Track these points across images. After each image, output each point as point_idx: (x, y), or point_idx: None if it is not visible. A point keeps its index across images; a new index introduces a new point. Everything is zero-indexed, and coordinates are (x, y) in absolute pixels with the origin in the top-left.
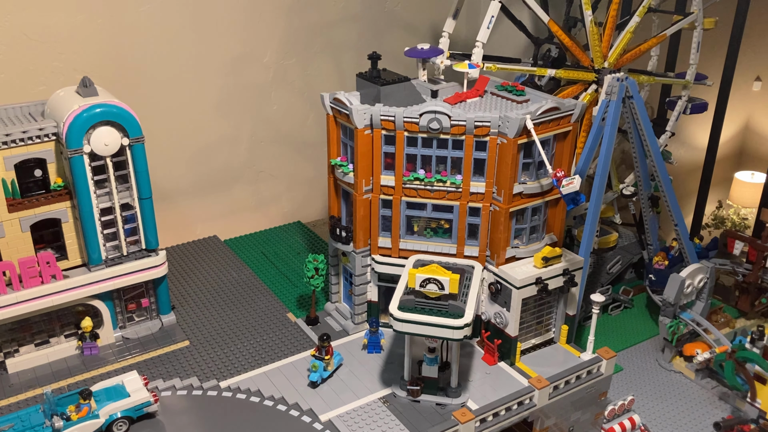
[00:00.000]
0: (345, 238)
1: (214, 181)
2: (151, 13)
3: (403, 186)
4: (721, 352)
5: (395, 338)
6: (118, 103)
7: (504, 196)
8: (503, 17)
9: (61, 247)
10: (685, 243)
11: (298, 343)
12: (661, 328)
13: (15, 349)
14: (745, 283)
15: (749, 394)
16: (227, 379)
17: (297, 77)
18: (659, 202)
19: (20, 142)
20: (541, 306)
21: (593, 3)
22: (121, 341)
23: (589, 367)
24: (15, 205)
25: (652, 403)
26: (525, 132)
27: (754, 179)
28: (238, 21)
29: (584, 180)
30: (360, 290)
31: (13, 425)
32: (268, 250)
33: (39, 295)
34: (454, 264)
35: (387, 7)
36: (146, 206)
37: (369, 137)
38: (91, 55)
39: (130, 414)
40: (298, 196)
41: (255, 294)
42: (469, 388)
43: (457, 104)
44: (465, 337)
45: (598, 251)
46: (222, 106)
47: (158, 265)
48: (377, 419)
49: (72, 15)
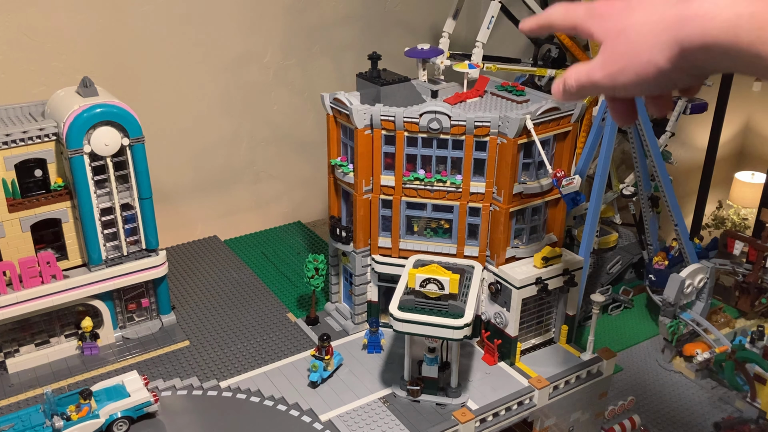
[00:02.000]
0: (345, 238)
1: (214, 181)
2: (152, 13)
3: (403, 186)
4: (721, 352)
5: (395, 338)
6: (118, 103)
7: (504, 196)
8: (503, 17)
9: (62, 247)
10: (685, 243)
11: (298, 343)
12: (661, 328)
13: (15, 349)
14: (745, 283)
15: (749, 394)
16: (227, 379)
17: (297, 77)
18: (659, 202)
19: (20, 142)
20: (541, 306)
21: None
22: (121, 341)
23: (589, 367)
24: (15, 205)
25: (652, 403)
26: (525, 132)
27: (754, 179)
28: (238, 21)
29: (584, 180)
30: (360, 290)
31: (13, 425)
32: (268, 250)
33: (39, 295)
34: (454, 264)
35: (387, 8)
36: (146, 206)
37: (369, 137)
38: (91, 55)
39: (130, 414)
40: (298, 196)
41: (255, 294)
42: (469, 388)
43: (457, 104)
44: (465, 337)
45: (598, 251)
46: (222, 106)
47: (158, 265)
48: (377, 419)
49: (72, 15)
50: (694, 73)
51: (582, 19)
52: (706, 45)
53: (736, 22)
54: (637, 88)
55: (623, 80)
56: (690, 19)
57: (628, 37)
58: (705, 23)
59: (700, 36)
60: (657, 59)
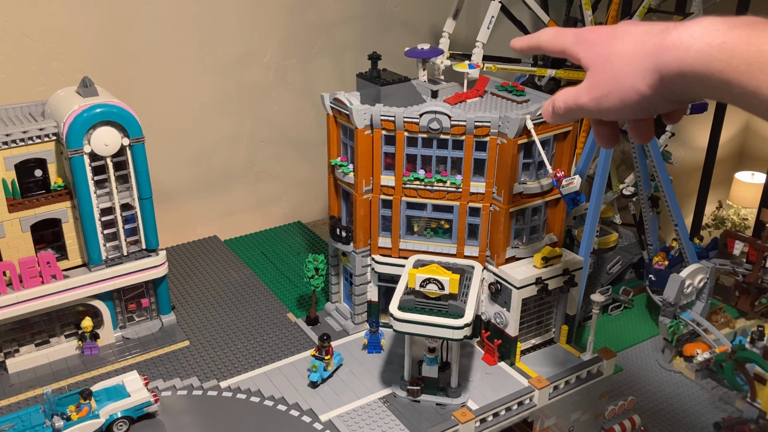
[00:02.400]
0: (345, 238)
1: (214, 181)
2: (152, 13)
3: (403, 186)
4: (721, 352)
5: (395, 338)
6: (118, 103)
7: (504, 196)
8: (503, 17)
9: (62, 247)
10: (685, 243)
11: (298, 343)
12: (661, 328)
13: (15, 349)
14: (745, 283)
15: (749, 394)
16: (227, 379)
17: (297, 77)
18: (659, 202)
19: (20, 142)
20: (541, 306)
21: (593, 3)
22: (122, 341)
23: (589, 367)
24: (15, 205)
25: (652, 403)
26: (525, 132)
27: (754, 179)
28: (238, 21)
29: (584, 180)
30: (360, 290)
31: (13, 425)
32: (268, 250)
33: (39, 295)
34: (454, 264)
35: (387, 8)
36: (146, 206)
37: (369, 137)
38: (91, 55)
39: (130, 414)
40: (298, 196)
41: (255, 294)
42: (469, 388)
43: (457, 104)
44: (465, 337)
45: (598, 251)
46: (222, 106)
47: (158, 265)
48: (377, 419)
49: (72, 15)
50: (673, 99)
51: (570, 44)
52: (683, 72)
53: (708, 51)
54: (620, 112)
55: (608, 105)
56: (668, 49)
57: (613, 64)
58: (681, 53)
59: (677, 64)
60: (639, 85)
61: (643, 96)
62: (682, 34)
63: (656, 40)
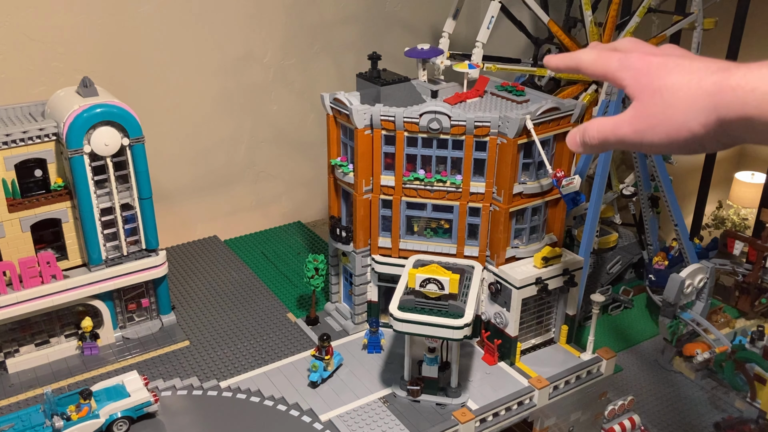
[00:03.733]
0: (345, 238)
1: (214, 181)
2: (152, 13)
3: (403, 186)
4: (721, 352)
5: (395, 338)
6: (118, 103)
7: (504, 196)
8: (503, 17)
9: (62, 247)
10: (685, 243)
11: (298, 343)
12: (661, 328)
13: (15, 349)
14: (745, 283)
15: (749, 394)
16: (227, 379)
17: (297, 77)
18: (659, 202)
19: (20, 142)
20: (541, 306)
21: (593, 3)
22: (121, 341)
23: (589, 367)
24: (15, 205)
25: (652, 403)
26: (525, 132)
27: (754, 179)
28: (238, 21)
29: (584, 180)
30: (360, 290)
31: (13, 425)
32: (268, 250)
33: (39, 295)
34: (454, 264)
35: (387, 8)
36: (146, 206)
37: (369, 137)
38: (91, 55)
39: (130, 414)
40: (298, 196)
41: (255, 294)
42: (469, 388)
43: (457, 104)
44: (465, 337)
45: (598, 251)
46: (222, 106)
47: (158, 265)
48: (377, 419)
49: (72, 15)
50: (726, 141)
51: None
52: (746, 116)
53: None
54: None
55: (652, 138)
56: (731, 89)
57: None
58: (746, 95)
59: (740, 106)
60: (691, 123)
61: (695, 135)
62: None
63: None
